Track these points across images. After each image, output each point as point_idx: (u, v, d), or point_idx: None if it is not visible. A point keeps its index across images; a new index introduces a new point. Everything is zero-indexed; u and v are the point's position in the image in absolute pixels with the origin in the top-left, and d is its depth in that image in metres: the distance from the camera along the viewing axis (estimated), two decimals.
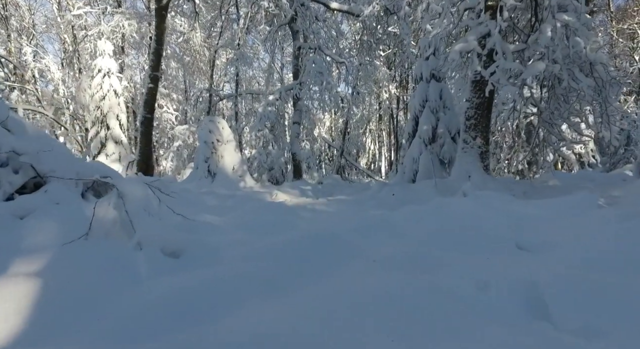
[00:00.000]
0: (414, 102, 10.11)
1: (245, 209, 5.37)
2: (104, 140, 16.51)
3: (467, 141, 7.83)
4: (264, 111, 13.56)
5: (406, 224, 3.32)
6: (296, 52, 14.15)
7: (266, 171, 13.16)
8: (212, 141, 10.83)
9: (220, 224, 3.69)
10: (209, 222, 3.69)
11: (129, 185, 2.53)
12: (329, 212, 5.97)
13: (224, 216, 5.23)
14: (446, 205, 3.74)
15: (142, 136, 12.03)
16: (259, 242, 2.56)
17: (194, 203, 7.86)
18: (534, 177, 8.67)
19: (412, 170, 9.80)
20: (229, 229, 3.34)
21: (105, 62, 16.21)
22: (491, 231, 2.68)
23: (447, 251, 2.35)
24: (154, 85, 11.89)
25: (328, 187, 11.82)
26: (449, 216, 3.32)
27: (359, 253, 2.30)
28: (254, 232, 3.29)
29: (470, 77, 7.67)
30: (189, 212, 6.41)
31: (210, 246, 2.41)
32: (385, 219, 3.50)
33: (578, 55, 6.59)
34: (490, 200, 3.75)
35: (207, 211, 6.35)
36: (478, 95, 7.71)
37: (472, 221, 2.99)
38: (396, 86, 21.60)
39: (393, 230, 3.11)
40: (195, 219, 3.72)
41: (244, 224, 3.61)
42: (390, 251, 2.30)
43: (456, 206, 3.63)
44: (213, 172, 10.91)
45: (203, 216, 4.67)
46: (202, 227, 3.31)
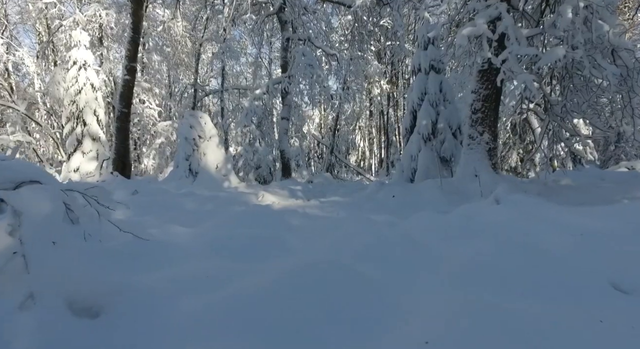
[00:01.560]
0: (412, 96, 9.30)
1: (224, 217, 4.47)
2: (80, 137, 15.35)
3: (473, 137, 7.04)
4: (251, 106, 12.62)
5: (436, 244, 2.49)
6: (285, 43, 13.23)
7: (253, 170, 12.24)
8: (194, 137, 9.88)
9: (187, 241, 2.81)
10: (171, 240, 2.79)
11: (32, 198, 1.64)
12: (324, 219, 5.11)
13: (197, 226, 4.34)
14: (476, 214, 2.92)
15: (118, 132, 11.01)
16: (233, 284, 1.68)
17: (169, 207, 6.95)
18: (543, 176, 7.93)
19: (410, 168, 8.99)
20: (196, 252, 2.47)
21: (81, 53, 15.06)
22: (564, 258, 1.86)
23: (524, 297, 1.53)
24: (131, 77, 10.87)
25: (319, 187, 10.95)
26: (488, 231, 2.50)
27: (392, 310, 1.44)
28: (229, 256, 2.41)
29: (477, 66, 6.87)
30: (157, 221, 5.47)
31: (155, 294, 1.54)
32: (405, 234, 2.66)
33: (600, 40, 5.82)
34: (534, 208, 2.94)
35: (180, 218, 5.46)
36: (486, 86, 6.91)
37: (526, 241, 2.16)
38: (387, 81, 20.81)
39: (422, 254, 2.26)
40: (152, 235, 2.83)
41: (219, 242, 2.74)
42: (439, 303, 1.44)
43: (491, 216, 2.81)
44: (195, 171, 9.96)
45: (170, 227, 3.77)
46: (158, 251, 2.42)
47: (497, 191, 3.15)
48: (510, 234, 2.35)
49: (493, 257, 1.88)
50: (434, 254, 2.23)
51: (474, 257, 1.96)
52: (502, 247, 1.97)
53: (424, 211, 4.29)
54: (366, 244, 2.43)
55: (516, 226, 2.52)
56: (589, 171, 8.79)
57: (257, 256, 2.45)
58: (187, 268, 2.01)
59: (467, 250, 2.13)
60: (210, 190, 8.86)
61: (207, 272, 1.90)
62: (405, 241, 2.45)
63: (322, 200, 7.72)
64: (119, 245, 2.38)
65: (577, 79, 6.23)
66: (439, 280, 1.80)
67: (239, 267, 2.07)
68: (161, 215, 6.07)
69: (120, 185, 9.45)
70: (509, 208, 3.00)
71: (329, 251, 2.43)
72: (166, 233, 3.30)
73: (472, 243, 2.29)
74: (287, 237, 3.11)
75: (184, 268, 1.99)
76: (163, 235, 3.08)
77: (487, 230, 2.56)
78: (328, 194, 8.77)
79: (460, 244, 2.40)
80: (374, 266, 1.96)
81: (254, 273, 1.83)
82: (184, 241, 2.82)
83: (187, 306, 1.46)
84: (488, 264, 1.84)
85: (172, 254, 2.37)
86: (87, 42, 15.22)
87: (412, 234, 2.70)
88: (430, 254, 2.24)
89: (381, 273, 1.85)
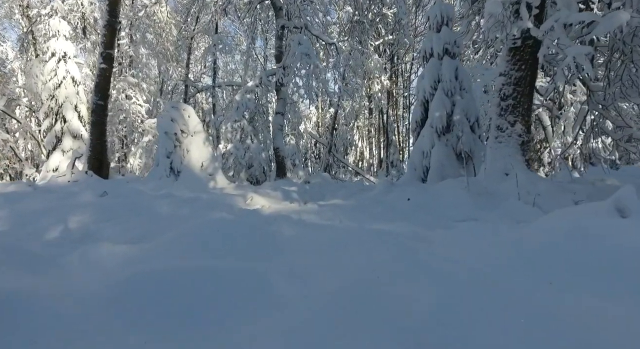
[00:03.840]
0: (423, 84, 8.03)
1: (192, 229, 3.16)
2: (60, 134, 14.06)
3: (502, 128, 5.77)
4: (242, 99, 11.32)
5: (551, 300, 1.22)
6: (279, 32, 11.93)
7: (244, 169, 10.94)
8: (175, 131, 8.58)
9: (86, 287, 1.52)
10: (53, 288, 1.49)
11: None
12: (325, 230, 3.84)
13: (153, 240, 3.05)
14: (596, 233, 1.66)
15: (93, 127, 9.69)
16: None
17: (138, 211, 5.65)
18: (582, 174, 6.69)
19: (422, 166, 7.73)
20: (70, 322, 1.21)
21: (60, 44, 13.73)
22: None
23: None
24: (108, 65, 9.55)
25: (317, 188, 9.66)
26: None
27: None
28: (173, 316, 1.16)
29: (508, 42, 5.60)
30: (112, 231, 4.17)
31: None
32: (466, 268, 1.40)
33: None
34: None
35: (136, 228, 4.19)
36: (518, 66, 5.65)
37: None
38: (388, 77, 19.55)
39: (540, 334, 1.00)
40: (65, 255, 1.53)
41: (144, 292, 1.47)
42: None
43: (625, 239, 1.56)
44: (177, 169, 8.66)
45: (95, 249, 2.47)
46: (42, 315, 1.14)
47: (621, 195, 1.87)
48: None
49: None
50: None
51: None
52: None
53: (471, 222, 3.03)
54: (408, 297, 1.16)
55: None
56: (627, 170, 7.54)
57: (205, 331, 1.18)
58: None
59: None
60: (193, 191, 7.57)
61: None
62: (478, 289, 1.19)
63: (321, 203, 6.44)
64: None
65: (636, 56, 4.97)
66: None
67: None
68: (121, 222, 4.80)
69: (91, 186, 8.14)
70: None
71: (349, 314, 1.16)
72: (71, 264, 2.02)
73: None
74: (272, 274, 1.83)
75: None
76: (57, 272, 1.78)
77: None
78: (327, 196, 7.49)
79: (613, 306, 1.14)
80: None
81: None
82: (81, 287, 1.52)
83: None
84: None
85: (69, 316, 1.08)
86: (67, 32, 13.89)
87: (476, 268, 1.44)
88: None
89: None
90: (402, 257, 2.15)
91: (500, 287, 1.43)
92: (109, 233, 4.40)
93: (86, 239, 4.13)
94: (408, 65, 25.87)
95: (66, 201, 6.29)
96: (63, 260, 2.46)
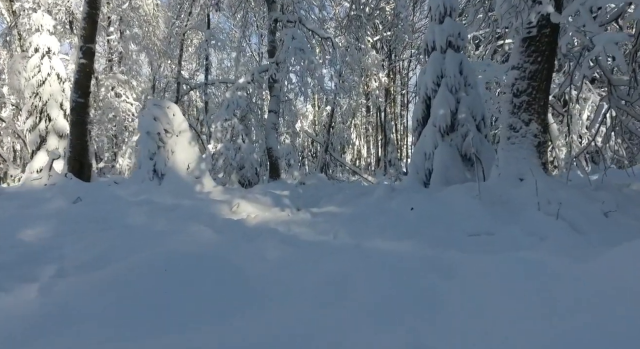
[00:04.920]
0: (425, 79, 7.37)
1: (145, 264, 2.47)
2: (45, 133, 13.31)
3: (515, 128, 5.13)
4: (233, 97, 10.64)
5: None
6: (272, 25, 11.25)
7: (235, 170, 10.27)
8: (159, 131, 7.90)
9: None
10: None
11: None
12: (316, 250, 3.19)
13: (99, 270, 2.40)
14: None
15: (73, 126, 9.01)
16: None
17: (110, 223, 5.04)
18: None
19: (424, 169, 7.08)
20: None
21: (44, 39, 12.98)
22: None
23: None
24: (88, 60, 8.86)
25: (312, 191, 9.01)
26: None
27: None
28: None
29: (522, 31, 4.94)
30: (70, 249, 3.54)
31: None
32: None
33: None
34: None
35: (103, 245, 3.56)
36: (534, 58, 5.00)
37: None
38: (386, 74, 18.88)
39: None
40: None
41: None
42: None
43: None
44: (161, 172, 7.99)
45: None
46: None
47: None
48: None
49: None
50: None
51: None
52: None
53: (486, 237, 2.42)
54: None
55: None
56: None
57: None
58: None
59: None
60: (176, 196, 6.91)
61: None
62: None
63: (315, 210, 5.79)
64: None
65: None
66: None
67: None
68: (84, 237, 4.16)
69: (67, 190, 7.46)
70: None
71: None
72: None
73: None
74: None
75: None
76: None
77: None
78: (322, 202, 6.83)
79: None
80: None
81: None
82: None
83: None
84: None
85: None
86: (51, 27, 13.14)
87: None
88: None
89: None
90: (419, 314, 1.50)
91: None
92: (66, 251, 3.73)
93: (32, 261, 3.47)
94: (406, 62, 25.21)
95: (30, 210, 5.62)
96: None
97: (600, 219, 4.07)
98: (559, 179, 5.24)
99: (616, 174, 7.16)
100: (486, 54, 14.38)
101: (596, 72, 5.81)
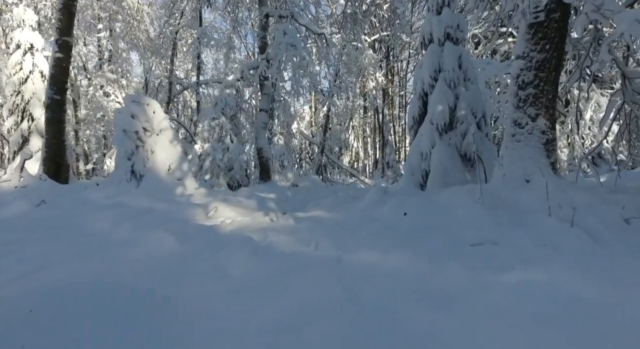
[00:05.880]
0: (422, 74, 6.84)
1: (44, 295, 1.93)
2: (27, 133, 12.79)
3: (521, 123, 4.59)
4: (221, 95, 10.11)
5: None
6: (263, 21, 10.73)
7: (223, 172, 9.72)
8: (136, 129, 7.36)
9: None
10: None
11: None
12: (296, 262, 2.67)
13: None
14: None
15: (48, 124, 8.47)
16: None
17: (66, 230, 4.50)
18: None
19: (421, 170, 6.54)
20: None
21: (26, 35, 12.47)
22: None
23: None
24: (64, 55, 8.32)
25: (302, 194, 8.47)
26: None
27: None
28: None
29: (528, 16, 4.42)
30: (3, 262, 3.01)
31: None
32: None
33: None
34: None
35: (41, 259, 3.03)
36: (541, 46, 4.47)
37: None
38: (383, 74, 18.37)
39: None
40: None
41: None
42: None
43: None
44: (139, 173, 7.44)
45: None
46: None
47: None
48: None
49: None
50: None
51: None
52: None
53: (490, 246, 1.93)
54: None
55: None
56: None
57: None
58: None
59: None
60: (153, 199, 6.35)
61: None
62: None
63: (300, 215, 5.23)
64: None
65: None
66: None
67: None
68: (26, 247, 3.62)
69: (34, 193, 6.93)
70: None
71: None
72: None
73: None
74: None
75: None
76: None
77: None
78: (310, 205, 6.27)
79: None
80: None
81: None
82: None
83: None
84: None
85: None
86: (33, 22, 12.63)
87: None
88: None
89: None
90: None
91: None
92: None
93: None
94: (404, 64, 24.74)
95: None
96: None
97: (622, 226, 3.53)
98: (569, 181, 4.70)
99: (626, 175, 6.62)
100: (485, 53, 13.88)
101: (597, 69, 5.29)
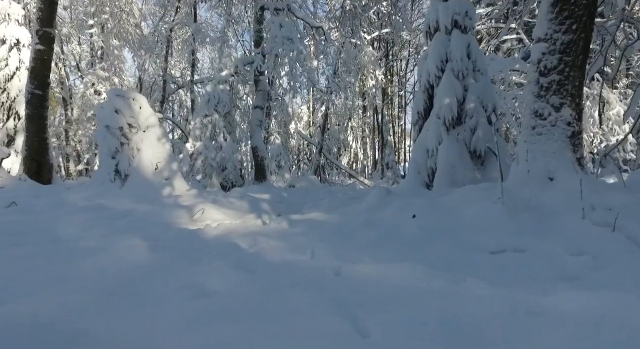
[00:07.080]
0: (427, 65, 6.33)
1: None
2: (13, 133, 12.22)
3: (543, 115, 4.07)
4: (214, 91, 9.59)
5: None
6: (258, 14, 10.23)
7: (216, 171, 9.19)
8: (121, 126, 6.83)
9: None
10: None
11: None
12: (287, 276, 2.13)
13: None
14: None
15: (29, 121, 7.94)
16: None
17: (29, 236, 3.96)
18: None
19: (427, 168, 6.02)
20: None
21: (12, 30, 11.95)
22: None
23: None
24: (46, 47, 7.81)
25: (299, 195, 7.95)
26: None
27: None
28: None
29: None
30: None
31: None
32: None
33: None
34: None
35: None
36: (567, 26, 3.96)
37: None
38: (383, 73, 17.87)
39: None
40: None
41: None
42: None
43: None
44: (124, 173, 6.91)
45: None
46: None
47: None
48: None
49: None
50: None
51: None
52: None
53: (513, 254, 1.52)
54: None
55: None
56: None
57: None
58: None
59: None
60: (137, 201, 5.82)
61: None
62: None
63: (296, 218, 4.71)
64: None
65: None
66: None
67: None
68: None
69: (9, 194, 6.40)
70: None
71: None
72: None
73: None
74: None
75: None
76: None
77: None
78: (307, 207, 5.74)
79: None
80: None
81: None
82: None
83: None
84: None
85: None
86: (20, 17, 12.11)
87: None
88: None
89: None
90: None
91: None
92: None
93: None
94: (404, 64, 24.27)
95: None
96: None
97: None
98: (600, 179, 4.19)
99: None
100: (489, 50, 13.41)
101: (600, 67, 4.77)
